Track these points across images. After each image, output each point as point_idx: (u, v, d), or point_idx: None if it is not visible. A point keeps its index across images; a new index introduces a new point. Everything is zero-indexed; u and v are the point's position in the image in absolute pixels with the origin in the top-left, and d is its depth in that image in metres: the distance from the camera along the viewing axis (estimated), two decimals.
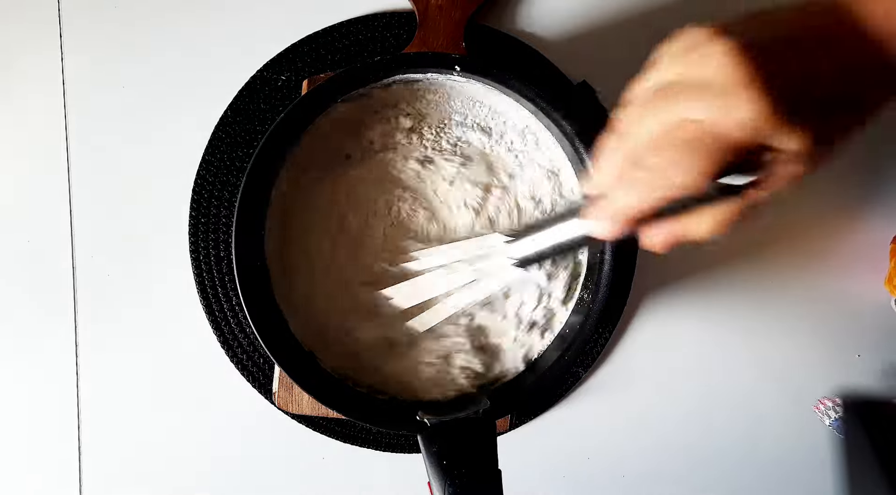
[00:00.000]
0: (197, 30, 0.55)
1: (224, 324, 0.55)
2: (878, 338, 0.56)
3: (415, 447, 0.55)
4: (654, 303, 0.56)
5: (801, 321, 0.56)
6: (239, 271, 0.47)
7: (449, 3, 0.51)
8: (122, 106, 0.55)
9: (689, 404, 0.57)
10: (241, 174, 0.54)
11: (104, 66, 0.55)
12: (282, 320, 0.49)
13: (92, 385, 0.56)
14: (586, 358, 0.55)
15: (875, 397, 0.56)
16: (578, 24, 0.55)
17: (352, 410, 0.48)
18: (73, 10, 0.55)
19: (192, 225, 0.54)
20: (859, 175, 0.56)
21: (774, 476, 0.57)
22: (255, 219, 0.48)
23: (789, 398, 0.57)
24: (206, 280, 0.55)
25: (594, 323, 0.49)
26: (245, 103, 0.54)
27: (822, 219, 0.56)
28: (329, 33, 0.54)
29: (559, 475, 0.57)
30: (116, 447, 0.56)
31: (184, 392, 0.56)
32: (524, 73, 0.48)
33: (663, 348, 0.56)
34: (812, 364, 0.56)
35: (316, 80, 0.52)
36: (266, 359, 0.55)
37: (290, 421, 0.55)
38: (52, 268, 0.55)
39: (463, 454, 0.40)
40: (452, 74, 0.48)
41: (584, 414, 0.57)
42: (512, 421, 0.55)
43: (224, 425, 0.56)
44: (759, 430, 0.57)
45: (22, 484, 0.57)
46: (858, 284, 0.56)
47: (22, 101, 0.55)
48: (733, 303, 0.56)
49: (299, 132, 0.48)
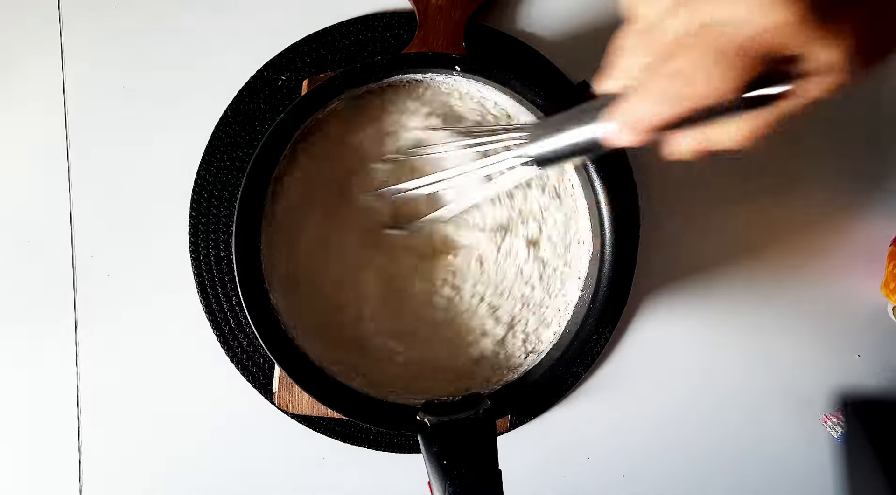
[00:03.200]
0: (197, 30, 0.55)
1: (224, 324, 0.55)
2: (878, 338, 0.56)
3: (415, 447, 0.55)
4: (654, 303, 0.56)
5: (801, 321, 0.56)
6: (239, 271, 0.47)
7: (449, 3, 0.51)
8: (122, 106, 0.55)
9: (689, 404, 0.57)
10: (241, 174, 0.54)
11: (104, 66, 0.55)
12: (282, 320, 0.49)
13: (92, 385, 0.56)
14: (586, 358, 0.55)
15: (875, 397, 0.56)
16: (578, 24, 0.55)
17: (352, 410, 0.48)
18: (73, 11, 0.55)
19: (192, 225, 0.54)
20: (859, 173, 0.56)
21: (774, 475, 0.57)
22: (255, 220, 0.48)
23: (789, 398, 0.57)
24: (206, 280, 0.55)
25: (594, 323, 0.49)
26: (245, 103, 0.54)
27: (821, 218, 0.56)
28: (329, 33, 0.54)
29: (559, 475, 0.57)
30: (116, 446, 0.56)
31: (184, 392, 0.56)
32: (524, 73, 0.48)
33: (663, 348, 0.56)
34: (812, 364, 0.56)
35: (316, 80, 0.52)
36: (266, 359, 0.55)
37: (290, 421, 0.55)
38: (52, 268, 0.55)
39: (463, 454, 0.40)
40: (452, 74, 0.48)
41: (584, 414, 0.57)
42: (512, 421, 0.55)
43: (224, 425, 0.56)
44: (759, 430, 0.57)
45: (22, 482, 0.57)
46: (858, 284, 0.56)
47: (22, 101, 0.55)
48: (733, 304, 0.56)
49: (299, 132, 0.48)
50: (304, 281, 0.50)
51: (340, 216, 0.51)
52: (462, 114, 0.51)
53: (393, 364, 0.50)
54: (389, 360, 0.50)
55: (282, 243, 0.50)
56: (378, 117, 0.51)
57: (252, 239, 0.48)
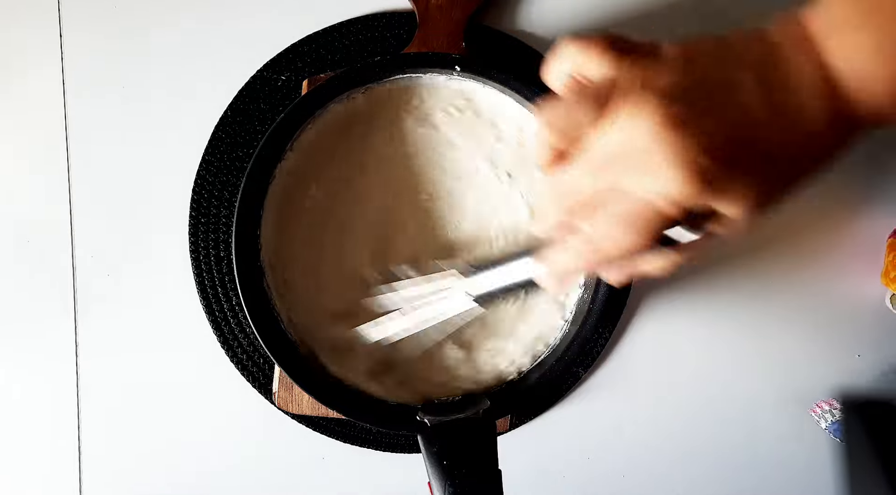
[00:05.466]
0: (197, 29, 0.55)
1: (224, 324, 0.55)
2: (878, 337, 0.56)
3: (415, 447, 0.55)
4: (654, 303, 0.56)
5: (801, 320, 0.56)
6: (239, 271, 0.47)
7: (449, 3, 0.51)
8: (122, 106, 0.55)
9: (689, 404, 0.57)
10: (241, 174, 0.54)
11: (104, 65, 0.55)
12: (282, 320, 0.49)
13: (92, 385, 0.56)
14: (586, 358, 0.55)
15: (875, 397, 0.56)
16: (578, 24, 0.55)
17: (352, 410, 0.48)
18: (73, 10, 0.55)
19: (192, 225, 0.54)
20: (859, 172, 0.56)
21: (774, 475, 0.57)
22: (255, 220, 0.48)
23: (789, 397, 0.57)
24: (206, 280, 0.55)
25: (594, 323, 0.49)
26: (245, 103, 0.54)
27: (820, 217, 0.56)
28: (329, 33, 0.54)
29: (559, 475, 0.57)
30: (116, 446, 0.56)
31: (183, 392, 0.56)
32: (524, 73, 0.48)
33: (663, 348, 0.56)
34: (812, 364, 0.56)
35: (316, 80, 0.52)
36: (266, 359, 0.55)
37: (290, 421, 0.55)
38: (52, 268, 0.56)
39: (463, 454, 0.40)
40: (452, 74, 0.48)
41: (584, 414, 0.57)
42: (512, 421, 0.55)
43: (224, 425, 0.56)
44: (759, 430, 0.57)
45: (22, 482, 0.57)
46: (858, 283, 0.56)
47: (22, 101, 0.55)
48: (733, 303, 0.56)
49: (299, 132, 0.48)
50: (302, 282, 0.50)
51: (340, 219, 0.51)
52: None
53: (392, 362, 0.50)
54: (389, 359, 0.50)
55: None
56: (378, 117, 0.51)
57: (252, 239, 0.48)
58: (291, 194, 0.50)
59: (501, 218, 0.51)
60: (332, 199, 0.51)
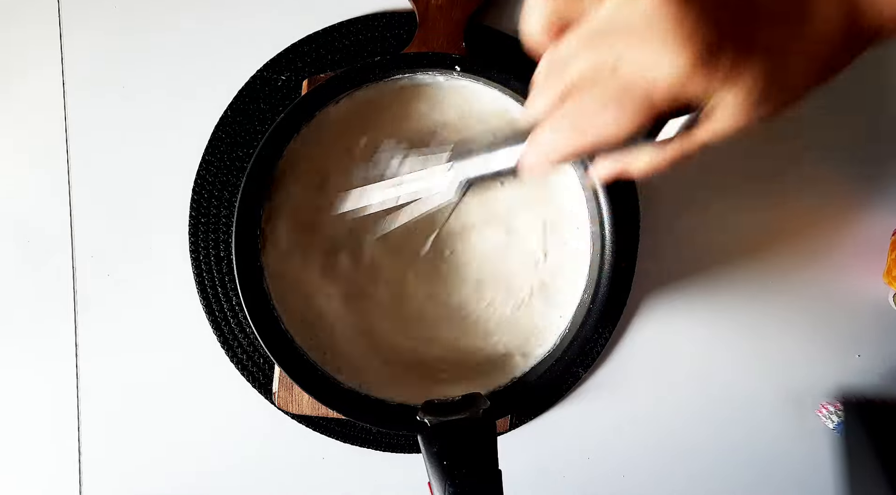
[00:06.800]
0: (197, 29, 0.55)
1: (224, 324, 0.55)
2: (878, 337, 0.56)
3: (415, 447, 0.55)
4: (654, 303, 0.56)
5: (801, 320, 0.56)
6: (239, 271, 0.47)
7: (449, 3, 0.51)
8: (122, 105, 0.55)
9: (689, 404, 0.57)
10: (241, 174, 0.54)
11: (104, 65, 0.55)
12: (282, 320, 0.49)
13: (92, 385, 0.56)
14: (586, 358, 0.55)
15: (875, 397, 0.56)
16: None
17: (352, 410, 0.48)
18: (73, 10, 0.55)
19: (192, 225, 0.54)
20: (859, 170, 0.56)
21: (775, 475, 0.57)
22: (255, 220, 0.48)
23: (789, 397, 0.57)
24: (206, 280, 0.55)
25: (594, 323, 0.49)
26: (245, 103, 0.54)
27: (821, 217, 0.56)
28: (329, 33, 0.54)
29: (559, 475, 0.57)
30: (116, 446, 0.56)
31: (184, 392, 0.56)
32: (524, 73, 0.48)
33: (663, 348, 0.56)
34: (812, 363, 0.56)
35: (316, 80, 0.52)
36: (266, 359, 0.55)
37: (290, 421, 0.55)
38: (52, 268, 0.55)
39: (463, 454, 0.40)
40: (452, 74, 0.48)
41: (584, 414, 0.57)
42: (512, 421, 0.55)
43: (224, 425, 0.56)
44: (759, 430, 0.57)
45: (22, 482, 0.57)
46: (859, 282, 0.56)
47: (22, 101, 0.55)
48: (733, 303, 0.56)
49: (299, 132, 0.48)
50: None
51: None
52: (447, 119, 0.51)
53: (392, 363, 0.50)
54: (388, 359, 0.50)
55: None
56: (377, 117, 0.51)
57: (252, 239, 0.48)
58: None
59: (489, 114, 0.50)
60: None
